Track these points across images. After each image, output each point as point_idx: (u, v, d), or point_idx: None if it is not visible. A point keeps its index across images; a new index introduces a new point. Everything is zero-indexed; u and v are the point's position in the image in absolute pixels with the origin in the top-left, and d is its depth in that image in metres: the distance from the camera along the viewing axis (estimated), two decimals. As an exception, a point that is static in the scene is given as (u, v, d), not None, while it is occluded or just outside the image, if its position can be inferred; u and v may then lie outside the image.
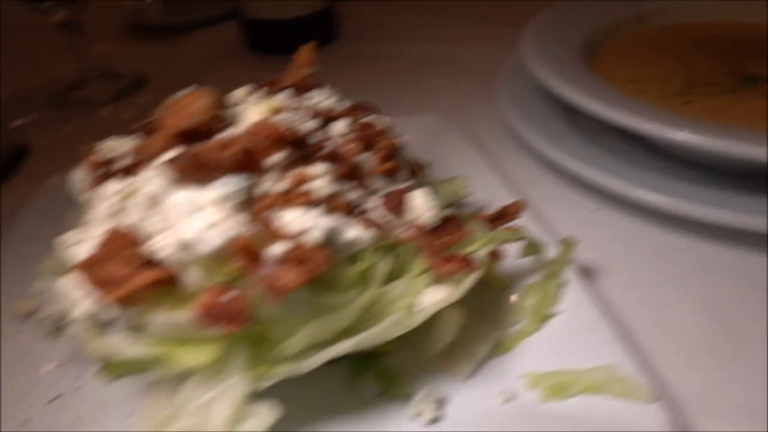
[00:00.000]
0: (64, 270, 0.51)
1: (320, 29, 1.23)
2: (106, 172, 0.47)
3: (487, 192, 0.67)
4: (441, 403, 0.49)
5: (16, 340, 0.58)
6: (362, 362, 0.51)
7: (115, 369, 0.53)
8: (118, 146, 0.49)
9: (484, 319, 0.54)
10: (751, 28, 0.86)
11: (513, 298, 0.56)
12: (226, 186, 0.40)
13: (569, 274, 0.55)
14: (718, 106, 0.69)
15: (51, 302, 0.53)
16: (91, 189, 0.48)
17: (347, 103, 0.53)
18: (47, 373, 0.55)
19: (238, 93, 0.51)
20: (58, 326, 0.58)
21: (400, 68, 1.11)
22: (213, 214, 0.40)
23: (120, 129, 1.08)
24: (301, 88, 0.52)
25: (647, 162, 0.70)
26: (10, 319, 0.59)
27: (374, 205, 0.48)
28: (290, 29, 1.19)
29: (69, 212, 0.72)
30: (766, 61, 0.76)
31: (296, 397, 0.46)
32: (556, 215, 0.68)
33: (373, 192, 0.48)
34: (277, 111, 0.47)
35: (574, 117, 0.77)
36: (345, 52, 1.22)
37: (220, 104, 0.45)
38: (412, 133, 0.67)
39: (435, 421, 0.48)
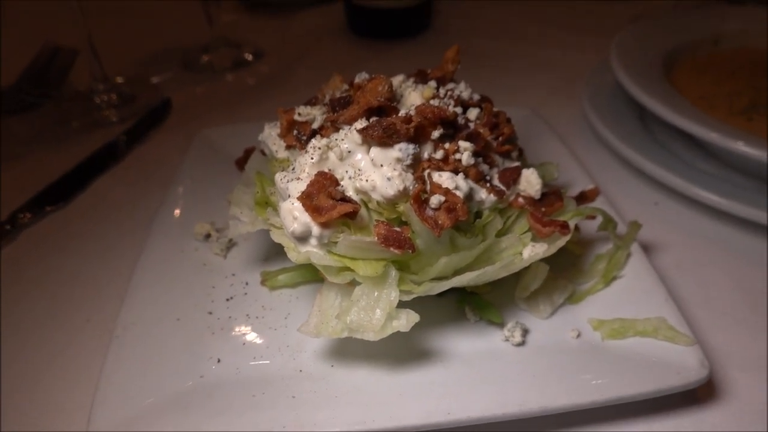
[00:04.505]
0: (250, 200, 0.68)
1: (417, 20, 1.36)
2: (298, 130, 0.64)
3: (569, 176, 0.82)
4: (526, 332, 0.64)
5: (198, 253, 0.75)
6: (467, 296, 0.67)
7: (272, 282, 0.71)
8: (307, 112, 0.65)
9: (562, 276, 0.69)
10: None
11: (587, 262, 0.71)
12: (402, 151, 0.56)
13: (634, 249, 0.70)
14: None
15: (232, 226, 0.70)
16: (285, 140, 0.64)
17: (477, 96, 0.68)
18: (223, 279, 0.72)
19: (396, 80, 0.67)
20: (229, 246, 0.76)
21: (487, 63, 1.24)
22: (390, 170, 0.56)
23: (243, 94, 1.25)
24: (444, 80, 0.67)
25: (704, 167, 0.84)
26: (191, 238, 0.77)
27: (494, 176, 0.63)
28: (392, 18, 1.32)
29: (219, 159, 0.90)
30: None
31: (421, 317, 0.59)
32: (623, 202, 0.83)
33: (494, 166, 0.64)
34: (431, 97, 0.63)
35: (647, 124, 0.91)
36: (436, 42, 1.34)
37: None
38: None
39: (521, 344, 0.63)
